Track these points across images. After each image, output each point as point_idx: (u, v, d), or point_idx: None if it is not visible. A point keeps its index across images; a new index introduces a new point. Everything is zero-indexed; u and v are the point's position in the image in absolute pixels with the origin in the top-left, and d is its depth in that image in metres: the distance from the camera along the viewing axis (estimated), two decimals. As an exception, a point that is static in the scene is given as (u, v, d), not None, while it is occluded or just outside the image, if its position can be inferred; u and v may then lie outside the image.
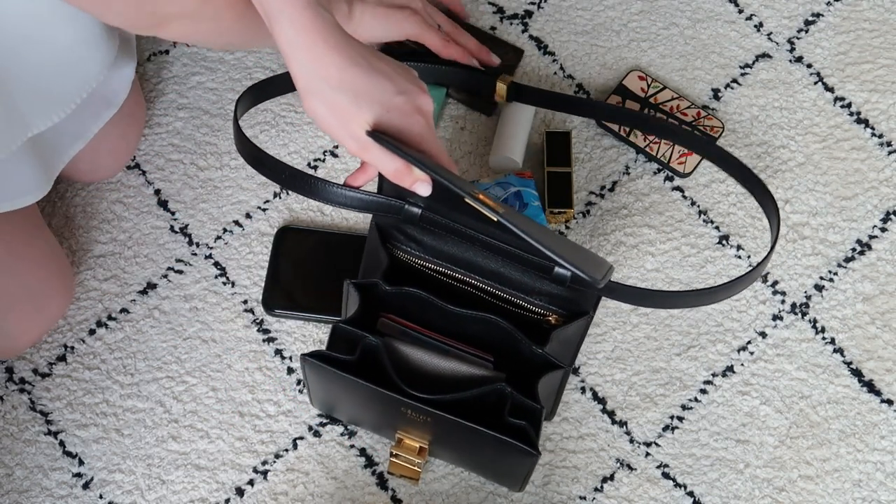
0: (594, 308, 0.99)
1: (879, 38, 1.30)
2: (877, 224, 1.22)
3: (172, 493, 1.12)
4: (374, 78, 0.90)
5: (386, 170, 0.92)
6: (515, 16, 1.32)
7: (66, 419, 1.15)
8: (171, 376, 1.16)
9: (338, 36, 0.88)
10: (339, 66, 0.88)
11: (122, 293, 1.20)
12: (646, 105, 1.25)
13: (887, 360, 1.17)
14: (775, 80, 1.28)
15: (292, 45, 0.87)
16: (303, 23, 0.87)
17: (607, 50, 1.30)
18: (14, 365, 1.17)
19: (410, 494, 1.12)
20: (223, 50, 1.04)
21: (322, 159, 1.25)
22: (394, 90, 0.90)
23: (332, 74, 0.88)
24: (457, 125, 1.26)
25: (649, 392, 1.16)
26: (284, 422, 1.14)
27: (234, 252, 1.21)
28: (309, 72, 0.88)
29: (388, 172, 0.92)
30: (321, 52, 0.87)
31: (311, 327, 1.18)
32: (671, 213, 1.22)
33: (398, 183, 0.93)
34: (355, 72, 0.88)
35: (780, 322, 1.18)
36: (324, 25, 0.87)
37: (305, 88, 0.89)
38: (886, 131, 1.26)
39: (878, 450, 1.13)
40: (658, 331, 1.18)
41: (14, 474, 1.13)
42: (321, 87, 0.88)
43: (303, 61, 0.88)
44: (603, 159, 1.25)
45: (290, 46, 0.87)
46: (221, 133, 1.26)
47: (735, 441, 1.14)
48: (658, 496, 1.12)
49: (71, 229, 1.22)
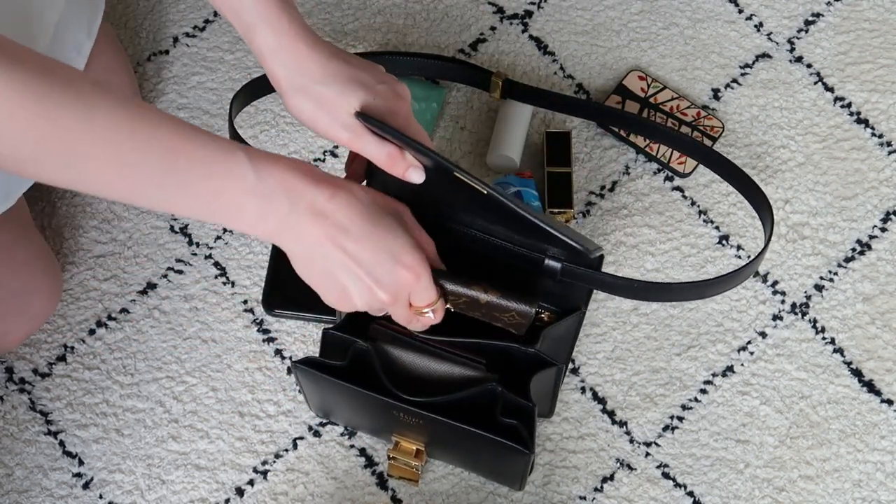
0: (586, 304, 0.99)
1: (879, 38, 1.30)
2: (877, 224, 1.22)
3: (172, 493, 1.12)
4: (354, 68, 0.92)
5: (378, 156, 0.92)
6: (515, 16, 1.32)
7: (66, 419, 1.15)
8: (171, 376, 1.16)
9: (313, 36, 0.92)
10: (321, 62, 0.91)
11: (122, 293, 1.20)
12: (646, 105, 1.25)
13: (887, 360, 1.17)
14: (775, 80, 1.28)
15: (274, 49, 0.90)
16: (282, 27, 0.90)
17: (607, 50, 1.30)
18: (14, 365, 1.17)
19: (410, 494, 1.12)
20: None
21: (322, 159, 1.25)
22: (375, 79, 0.93)
23: (315, 70, 0.90)
24: (457, 125, 1.26)
25: (649, 392, 1.16)
26: (284, 422, 1.14)
27: (234, 252, 1.21)
28: (292, 71, 0.91)
29: (381, 159, 0.92)
30: (303, 51, 0.90)
31: (311, 327, 1.18)
32: (671, 213, 1.22)
33: (390, 170, 0.93)
34: (337, 64, 0.91)
35: (780, 322, 1.18)
36: (300, 28, 0.91)
37: (290, 88, 0.91)
38: (886, 131, 1.26)
39: (878, 450, 1.13)
40: (658, 331, 1.18)
41: (14, 474, 1.13)
42: (306, 84, 0.90)
43: (286, 63, 0.90)
44: (603, 159, 1.25)
45: (272, 51, 0.90)
46: (221, 133, 1.26)
47: (735, 441, 1.14)
48: (658, 496, 1.12)
49: (71, 229, 1.22)
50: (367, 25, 1.31)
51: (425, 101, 1.24)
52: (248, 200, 0.82)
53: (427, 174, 0.93)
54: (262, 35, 0.90)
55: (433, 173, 0.93)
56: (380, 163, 0.92)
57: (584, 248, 0.91)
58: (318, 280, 0.89)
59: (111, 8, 1.31)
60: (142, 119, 0.77)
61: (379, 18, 1.31)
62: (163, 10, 1.32)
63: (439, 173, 0.92)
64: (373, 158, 0.93)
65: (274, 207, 0.83)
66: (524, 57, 1.29)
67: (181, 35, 1.31)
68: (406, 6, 1.32)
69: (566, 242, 0.91)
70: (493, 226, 0.96)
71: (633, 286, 0.94)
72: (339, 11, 1.32)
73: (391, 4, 1.32)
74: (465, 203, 0.95)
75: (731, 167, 1.08)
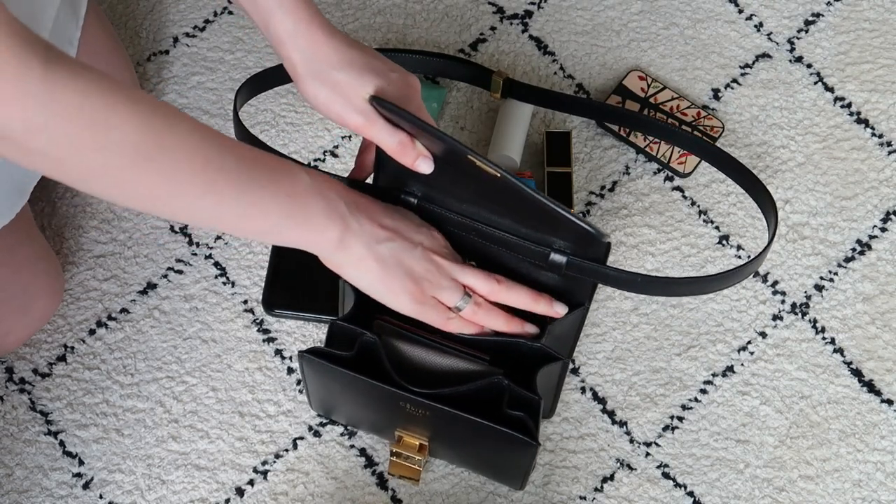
0: (589, 299, 0.99)
1: (879, 38, 1.30)
2: (877, 224, 1.22)
3: (172, 493, 1.12)
4: (370, 57, 0.94)
5: (389, 144, 0.93)
6: (515, 16, 1.32)
7: (66, 419, 1.15)
8: (171, 376, 1.16)
9: (328, 24, 0.93)
10: (338, 48, 0.92)
11: (122, 293, 1.20)
12: (646, 105, 1.25)
13: (887, 360, 1.17)
14: (775, 80, 1.28)
15: (292, 35, 0.91)
16: (299, 14, 0.91)
17: (607, 50, 1.30)
18: (14, 365, 1.17)
19: (410, 494, 1.12)
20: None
21: (322, 159, 1.25)
22: (387, 67, 0.94)
23: (331, 56, 0.91)
24: (457, 125, 1.26)
25: (649, 392, 1.16)
26: (284, 422, 1.14)
27: (234, 252, 1.21)
28: (309, 57, 0.91)
29: (392, 146, 0.93)
30: (320, 37, 0.91)
31: (311, 327, 1.18)
32: (671, 213, 1.22)
33: (400, 159, 0.93)
34: (353, 51, 0.92)
35: (780, 322, 1.18)
36: (316, 13, 0.92)
37: (306, 73, 0.92)
38: (886, 131, 1.26)
39: (878, 450, 1.13)
40: (658, 331, 1.18)
41: (14, 474, 1.13)
42: (322, 69, 0.91)
43: (303, 49, 0.91)
44: (603, 159, 1.25)
45: (290, 36, 0.91)
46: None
47: (735, 441, 1.14)
48: (658, 496, 1.12)
49: (71, 229, 1.22)
50: (367, 25, 1.31)
51: (425, 101, 1.24)
52: (313, 200, 0.88)
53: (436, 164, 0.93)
54: (280, 21, 0.91)
55: (442, 163, 0.93)
56: (390, 150, 0.93)
57: (596, 231, 0.91)
58: (391, 277, 0.94)
59: (111, 8, 1.31)
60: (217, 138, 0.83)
61: (379, 18, 1.31)
62: (163, 10, 1.32)
63: (449, 162, 0.92)
64: (384, 146, 0.94)
65: (334, 206, 0.90)
66: (524, 57, 1.29)
67: (181, 35, 1.31)
68: (406, 6, 1.32)
69: (578, 226, 0.90)
70: (499, 218, 0.96)
71: (637, 280, 0.94)
72: (339, 11, 1.32)
73: (391, 4, 1.32)
74: (474, 192, 0.95)
75: (734, 163, 1.08)
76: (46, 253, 1.14)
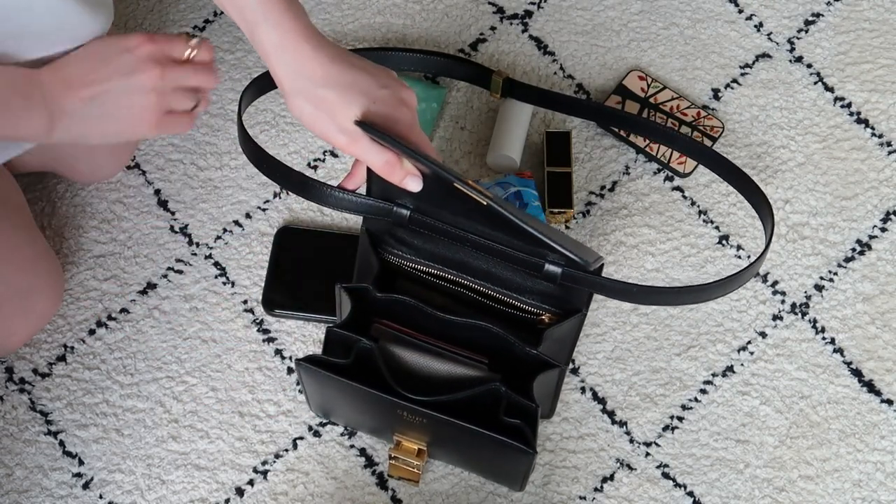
0: (587, 306, 0.99)
1: (879, 38, 1.30)
2: (877, 224, 1.22)
3: (172, 493, 1.12)
4: (357, 73, 0.91)
5: (375, 163, 0.92)
6: (515, 16, 1.32)
7: (66, 419, 1.15)
8: (171, 376, 1.16)
9: (318, 36, 0.91)
10: (323, 64, 0.90)
11: (122, 293, 1.20)
12: (646, 105, 1.25)
13: (887, 360, 1.17)
14: (775, 80, 1.28)
15: (278, 48, 0.89)
16: (286, 26, 0.89)
17: (607, 50, 1.30)
18: (14, 365, 1.17)
19: (410, 494, 1.12)
20: None
21: (322, 159, 1.25)
22: (377, 84, 0.92)
23: (316, 72, 0.90)
24: (457, 125, 1.26)
25: (649, 392, 1.16)
26: (284, 422, 1.14)
27: (234, 252, 1.21)
28: (294, 72, 0.90)
29: (378, 166, 0.92)
30: (307, 51, 0.89)
31: (311, 327, 1.18)
32: (671, 213, 1.22)
33: (388, 178, 0.93)
34: (340, 68, 0.90)
35: (780, 322, 1.18)
36: (305, 27, 0.90)
37: (291, 89, 0.90)
38: (886, 131, 1.26)
39: (878, 450, 1.13)
40: (658, 331, 1.18)
41: (14, 474, 1.13)
42: (307, 86, 0.90)
43: (288, 63, 0.90)
44: (603, 159, 1.25)
45: (275, 49, 0.89)
46: (221, 133, 1.26)
47: (735, 441, 1.14)
48: (658, 496, 1.12)
49: (71, 229, 1.22)
50: (367, 25, 1.31)
51: (425, 101, 1.24)
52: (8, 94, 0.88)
53: (427, 181, 0.93)
54: (266, 33, 0.89)
55: (433, 181, 0.93)
56: (377, 170, 0.92)
57: (584, 261, 0.91)
58: (111, 126, 0.93)
59: (111, 8, 1.31)
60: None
61: (379, 18, 1.31)
62: (163, 10, 1.32)
63: (439, 182, 0.92)
64: (370, 165, 0.92)
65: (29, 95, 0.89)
66: (524, 57, 1.29)
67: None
68: (406, 6, 1.32)
69: (565, 255, 0.91)
70: (493, 231, 0.96)
71: (633, 290, 0.94)
72: (339, 11, 1.32)
73: (391, 4, 1.32)
74: (466, 210, 0.95)
75: (731, 167, 1.08)
76: (47, 253, 1.14)
